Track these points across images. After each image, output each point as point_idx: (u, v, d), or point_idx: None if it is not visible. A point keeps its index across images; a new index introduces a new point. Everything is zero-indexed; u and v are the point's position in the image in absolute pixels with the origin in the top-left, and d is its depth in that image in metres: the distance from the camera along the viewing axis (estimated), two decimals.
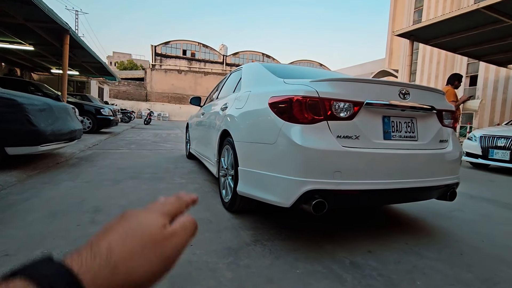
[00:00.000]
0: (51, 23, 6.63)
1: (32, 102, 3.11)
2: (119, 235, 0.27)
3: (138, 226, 0.29)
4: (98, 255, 0.25)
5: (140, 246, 0.27)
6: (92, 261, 0.25)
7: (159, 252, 0.28)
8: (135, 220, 0.29)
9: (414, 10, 15.66)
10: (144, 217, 0.30)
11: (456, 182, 1.96)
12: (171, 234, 0.29)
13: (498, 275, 1.46)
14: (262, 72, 2.33)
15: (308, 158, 1.52)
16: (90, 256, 0.25)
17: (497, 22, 6.16)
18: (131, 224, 0.29)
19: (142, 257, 0.27)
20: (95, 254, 0.25)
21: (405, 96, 1.73)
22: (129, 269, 0.26)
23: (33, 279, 0.22)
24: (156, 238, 0.28)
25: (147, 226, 0.29)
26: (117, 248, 0.26)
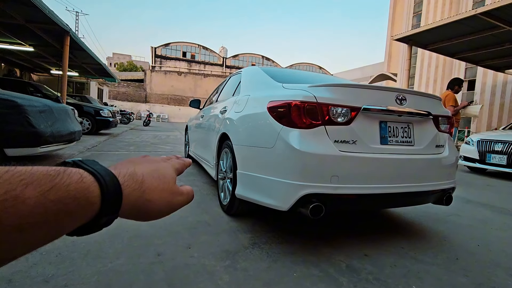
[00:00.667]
0: (52, 24, 6.66)
1: (32, 103, 3.12)
2: (148, 171, 0.34)
3: (161, 172, 0.36)
4: (135, 179, 0.32)
5: (161, 188, 0.34)
6: (130, 181, 0.31)
7: (169, 199, 0.35)
8: (159, 166, 0.37)
9: (413, 15, 15.78)
10: (164, 166, 0.38)
11: (452, 186, 1.98)
12: (178, 192, 0.37)
13: (493, 280, 1.48)
14: (261, 76, 2.35)
15: (306, 162, 1.54)
16: (129, 177, 0.31)
17: (494, 27, 6.22)
18: (156, 167, 0.36)
19: (160, 195, 0.34)
20: (133, 177, 0.32)
21: (401, 102, 1.76)
22: (150, 199, 0.33)
23: (96, 178, 0.27)
24: (170, 187, 0.36)
25: (167, 174, 0.37)
26: (148, 180, 0.33)
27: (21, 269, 1.30)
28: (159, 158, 0.41)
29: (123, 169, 0.32)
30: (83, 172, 0.27)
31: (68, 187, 0.24)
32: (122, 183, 0.30)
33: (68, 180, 0.25)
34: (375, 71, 21.40)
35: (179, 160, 0.44)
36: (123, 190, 0.29)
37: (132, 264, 1.40)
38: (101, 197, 0.27)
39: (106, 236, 1.69)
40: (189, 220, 2.05)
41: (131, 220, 0.41)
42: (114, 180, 0.29)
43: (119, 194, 0.29)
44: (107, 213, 0.28)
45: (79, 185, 0.25)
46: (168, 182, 0.36)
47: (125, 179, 0.30)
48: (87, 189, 0.26)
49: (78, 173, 0.26)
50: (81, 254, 1.46)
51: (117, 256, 1.47)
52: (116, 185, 0.29)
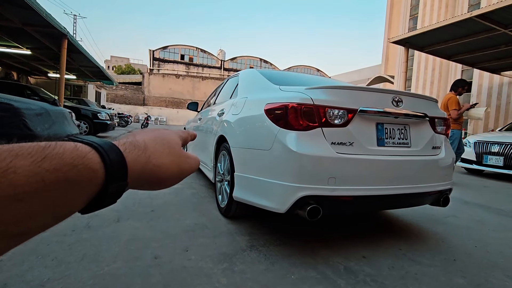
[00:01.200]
0: (49, 27, 6.65)
1: (29, 106, 3.11)
2: (150, 138, 0.33)
3: (164, 137, 0.35)
4: (137, 145, 0.31)
5: (168, 152, 0.33)
6: (131, 147, 0.30)
7: (178, 161, 0.34)
8: (160, 132, 0.36)
9: (410, 17, 15.92)
10: (167, 133, 0.37)
11: (449, 188, 1.99)
12: (185, 155, 0.36)
13: (490, 281, 1.48)
14: (258, 79, 2.36)
15: (303, 164, 1.54)
16: (130, 144, 0.30)
17: (489, 30, 6.29)
18: (159, 133, 0.35)
19: (168, 159, 0.33)
20: (134, 144, 0.31)
21: (398, 104, 1.77)
22: (158, 163, 0.32)
23: (93, 147, 0.26)
24: (176, 151, 0.35)
25: (171, 139, 0.36)
26: (151, 145, 0.32)
27: (16, 273, 1.29)
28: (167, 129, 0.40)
29: (121, 140, 0.31)
30: (77, 143, 0.26)
31: (62, 155, 0.23)
32: (123, 150, 0.28)
33: (62, 149, 0.24)
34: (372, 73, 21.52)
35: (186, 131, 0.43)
36: (126, 157, 0.28)
37: (129, 268, 1.39)
38: (103, 162, 0.26)
39: (102, 239, 1.68)
40: (186, 223, 2.04)
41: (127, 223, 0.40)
42: (113, 147, 0.28)
43: (122, 160, 0.28)
44: (114, 180, 0.27)
45: (75, 153, 0.24)
46: (173, 147, 0.35)
47: (125, 147, 0.29)
48: (84, 157, 0.25)
49: (71, 144, 0.25)
50: (77, 258, 1.45)
51: (113, 260, 1.46)
52: (117, 151, 0.28)
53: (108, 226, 1.89)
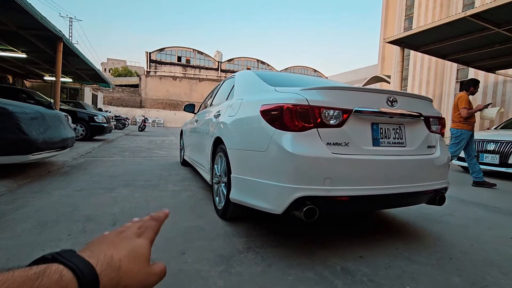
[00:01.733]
0: (44, 30, 6.61)
1: (24, 110, 3.09)
2: (125, 254, 0.36)
3: (136, 252, 0.37)
4: (113, 267, 0.33)
5: (137, 271, 0.36)
6: (107, 269, 0.32)
7: (144, 281, 0.37)
8: (134, 246, 0.38)
9: (405, 17, 16.01)
10: (139, 245, 0.39)
11: (445, 187, 2.00)
12: (152, 272, 0.39)
13: (486, 279, 1.49)
14: (254, 80, 2.36)
15: (299, 165, 1.54)
16: (107, 266, 0.32)
17: (484, 29, 6.33)
18: (132, 248, 0.38)
19: (135, 278, 0.35)
20: (110, 265, 0.33)
21: (393, 104, 1.77)
22: (126, 285, 0.34)
23: (69, 267, 0.29)
24: (145, 270, 0.38)
25: (142, 255, 0.38)
26: (124, 266, 0.34)
27: None
28: (134, 231, 0.41)
29: (101, 256, 0.33)
30: (62, 269, 0.29)
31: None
32: (100, 273, 0.31)
33: (48, 281, 0.27)
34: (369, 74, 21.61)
35: (154, 222, 0.45)
36: (101, 281, 0.31)
37: None
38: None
39: None
40: (183, 226, 2.04)
41: None
42: (92, 272, 0.31)
43: (97, 286, 0.31)
44: None
45: (59, 284, 0.27)
46: (144, 264, 0.38)
47: (102, 269, 0.32)
48: (66, 287, 0.28)
49: (57, 272, 0.28)
50: None
51: None
52: (94, 277, 0.31)
53: (104, 230, 1.88)
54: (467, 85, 4.41)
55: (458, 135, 4.33)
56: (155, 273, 0.39)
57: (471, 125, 4.34)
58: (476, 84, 4.38)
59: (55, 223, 1.96)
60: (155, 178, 3.64)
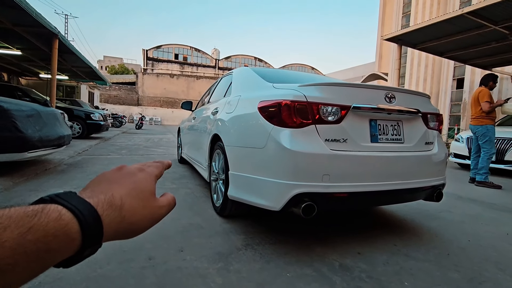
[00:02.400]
0: (40, 27, 6.53)
1: (19, 107, 3.05)
2: (127, 191, 0.34)
3: (139, 187, 0.36)
4: (114, 205, 0.32)
5: (142, 206, 0.34)
6: (109, 208, 0.31)
7: (151, 215, 0.35)
8: (136, 181, 0.36)
9: (402, 15, 16.01)
10: (142, 179, 0.37)
11: (442, 183, 2.00)
12: (158, 205, 0.37)
13: (483, 274, 1.50)
14: (252, 77, 2.35)
15: (297, 161, 1.54)
16: (108, 205, 0.31)
17: (480, 27, 6.34)
18: (135, 184, 0.36)
19: (141, 214, 0.34)
20: (111, 203, 0.31)
21: (391, 100, 1.77)
22: (132, 221, 0.33)
23: (68, 208, 0.28)
24: (150, 204, 0.36)
25: (145, 189, 0.36)
26: (127, 203, 0.33)
27: None
28: (136, 167, 0.40)
29: (101, 196, 0.32)
30: (61, 209, 0.27)
31: (46, 226, 0.25)
32: (101, 213, 0.30)
33: (46, 219, 0.25)
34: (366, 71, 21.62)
35: (158, 163, 0.44)
36: (103, 220, 0.30)
37: (123, 269, 1.38)
38: (81, 231, 0.27)
39: None
40: (181, 223, 2.03)
41: None
42: (92, 213, 0.29)
43: (100, 226, 0.29)
44: (89, 246, 0.29)
45: (58, 223, 0.26)
46: (148, 198, 0.36)
47: (104, 209, 0.30)
48: (66, 226, 0.26)
49: (56, 211, 0.27)
50: None
51: (107, 261, 1.44)
52: (96, 217, 0.29)
53: None
54: (486, 80, 4.26)
55: (485, 131, 4.10)
56: (162, 205, 0.37)
57: (494, 120, 4.18)
58: (495, 79, 4.27)
59: None
60: None
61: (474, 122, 4.27)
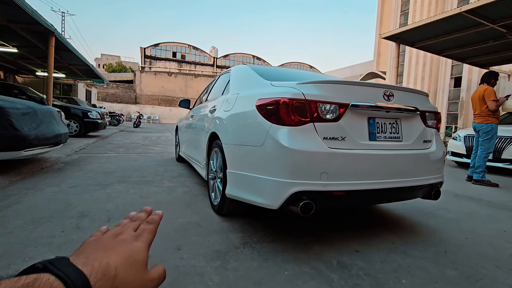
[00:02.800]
0: (36, 24, 6.47)
1: (15, 105, 3.02)
2: (121, 262, 0.34)
3: (133, 258, 0.35)
4: (108, 275, 0.31)
5: (134, 279, 0.34)
6: (102, 278, 0.30)
7: (142, 282, 0.35)
8: (132, 251, 0.36)
9: (401, 13, 16.02)
10: (137, 250, 0.37)
11: (440, 181, 2.01)
12: (150, 278, 0.37)
13: (480, 271, 1.50)
14: (250, 75, 2.34)
15: (295, 159, 1.53)
16: (102, 275, 0.31)
17: (478, 25, 6.35)
18: (129, 254, 0.36)
19: (133, 282, 0.34)
20: (105, 272, 0.31)
21: (389, 98, 1.77)
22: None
23: (60, 278, 0.27)
24: (142, 276, 0.36)
25: (139, 260, 0.36)
26: (120, 274, 0.32)
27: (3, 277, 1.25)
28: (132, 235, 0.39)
29: (95, 264, 0.31)
30: (53, 280, 0.27)
31: None
32: (94, 284, 0.29)
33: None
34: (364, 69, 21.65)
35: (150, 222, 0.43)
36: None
37: None
38: None
39: None
40: (179, 222, 2.02)
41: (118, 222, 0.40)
42: (85, 284, 0.29)
43: None
44: None
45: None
46: (141, 270, 0.36)
47: (97, 279, 0.30)
48: None
49: (48, 284, 0.26)
50: None
51: None
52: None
53: (98, 226, 1.85)
54: (488, 78, 4.18)
55: (489, 130, 4.07)
56: (153, 278, 0.37)
57: (498, 119, 4.14)
58: (497, 76, 4.22)
59: (48, 219, 1.93)
60: (150, 174, 3.60)
61: (478, 120, 4.19)
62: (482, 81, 4.26)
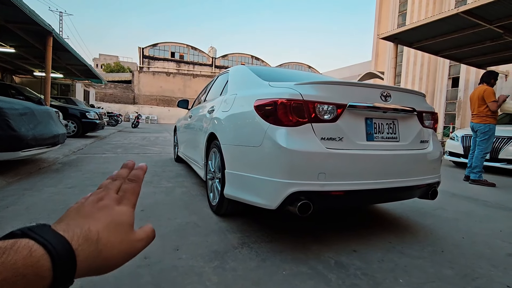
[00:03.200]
0: (33, 24, 6.45)
1: (12, 106, 3.02)
2: (104, 225, 0.32)
3: (117, 221, 0.34)
4: (90, 240, 0.30)
5: (120, 240, 0.33)
6: (85, 243, 0.29)
7: (128, 249, 0.34)
8: (113, 214, 0.35)
9: (398, 14, 16.07)
10: (119, 212, 0.35)
11: (437, 181, 2.02)
12: (137, 238, 0.36)
13: (476, 271, 1.51)
14: (248, 75, 2.34)
15: (293, 160, 1.54)
16: (84, 239, 0.29)
17: (475, 26, 6.39)
18: (112, 217, 0.34)
19: (118, 249, 0.33)
20: (87, 238, 0.30)
21: (386, 98, 1.78)
22: (108, 256, 0.31)
23: (40, 243, 0.26)
24: (129, 238, 0.34)
25: (123, 222, 0.35)
26: (104, 237, 0.32)
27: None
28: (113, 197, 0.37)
29: (76, 230, 0.30)
30: (32, 244, 0.25)
31: (15, 265, 0.23)
32: (76, 248, 0.28)
33: (15, 257, 0.24)
34: (363, 70, 21.69)
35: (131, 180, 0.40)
36: (78, 256, 0.28)
37: (118, 269, 1.37)
38: (53, 268, 0.26)
39: None
40: (177, 222, 2.02)
41: None
42: (67, 248, 0.27)
43: (73, 263, 0.27)
44: (60, 284, 0.27)
45: (27, 260, 0.24)
46: (126, 232, 0.34)
47: (79, 243, 0.29)
48: (36, 264, 0.25)
49: (27, 247, 0.25)
50: None
51: None
52: (70, 253, 0.27)
53: None
54: (488, 77, 4.14)
55: (487, 130, 4.05)
56: (140, 239, 0.36)
57: (496, 119, 4.12)
58: (496, 76, 4.19)
59: (46, 220, 1.93)
60: (148, 175, 3.60)
61: (476, 120, 4.18)
62: (482, 81, 4.23)
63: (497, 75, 4.22)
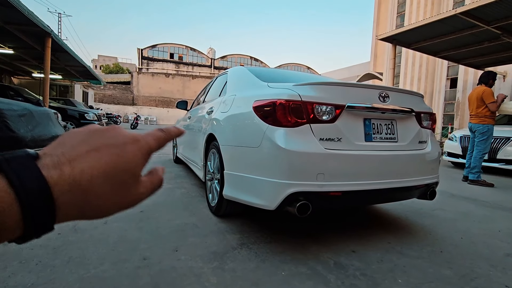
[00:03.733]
0: (32, 26, 6.46)
1: (11, 107, 3.01)
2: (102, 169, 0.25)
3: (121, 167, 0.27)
4: (78, 189, 0.24)
5: (115, 191, 0.26)
6: (69, 194, 0.23)
7: (125, 203, 0.28)
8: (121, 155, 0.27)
9: (397, 15, 16.13)
10: (131, 154, 0.28)
11: (436, 181, 2.02)
12: (140, 192, 0.29)
13: (475, 271, 1.52)
14: (247, 76, 2.35)
15: (292, 160, 1.54)
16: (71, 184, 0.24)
17: (473, 27, 6.42)
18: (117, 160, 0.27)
19: (111, 202, 0.27)
20: (76, 182, 0.24)
21: (385, 99, 1.78)
22: (98, 205, 0.26)
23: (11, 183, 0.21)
24: (129, 191, 0.28)
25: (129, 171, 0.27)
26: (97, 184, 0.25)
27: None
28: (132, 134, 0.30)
29: (65, 169, 0.24)
30: (2, 185, 0.21)
31: None
32: (57, 197, 0.23)
33: None
34: (362, 71, 21.74)
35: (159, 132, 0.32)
36: (59, 207, 0.23)
37: (117, 270, 1.37)
38: (24, 221, 0.22)
39: (89, 242, 1.65)
40: (176, 223, 2.02)
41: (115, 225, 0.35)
42: (44, 198, 0.22)
43: (52, 215, 0.23)
44: (34, 235, 0.23)
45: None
46: (126, 183, 0.27)
47: (63, 190, 0.23)
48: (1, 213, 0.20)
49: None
50: (63, 261, 1.42)
51: (100, 262, 1.43)
52: (48, 204, 0.22)
53: (95, 228, 1.85)
54: (486, 78, 4.13)
55: (485, 131, 4.06)
56: (142, 192, 0.29)
57: (494, 119, 4.12)
58: (495, 77, 4.18)
59: None
60: None
61: (475, 120, 4.18)
62: (480, 82, 4.23)
63: (495, 76, 4.22)
